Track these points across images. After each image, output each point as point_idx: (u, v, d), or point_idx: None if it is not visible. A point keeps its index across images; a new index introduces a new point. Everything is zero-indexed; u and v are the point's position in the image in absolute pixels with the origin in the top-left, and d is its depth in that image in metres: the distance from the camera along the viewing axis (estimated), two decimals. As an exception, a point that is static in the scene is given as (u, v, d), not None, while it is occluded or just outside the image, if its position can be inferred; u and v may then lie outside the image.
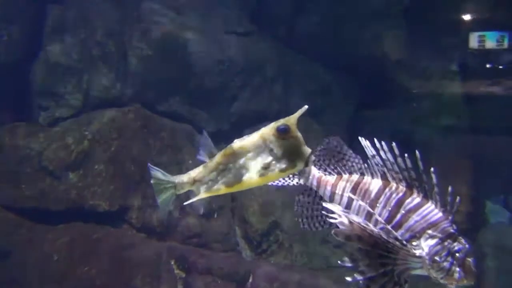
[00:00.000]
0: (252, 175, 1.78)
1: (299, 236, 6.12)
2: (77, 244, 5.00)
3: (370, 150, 2.22)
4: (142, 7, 6.21)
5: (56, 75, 5.82)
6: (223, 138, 6.36)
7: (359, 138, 2.25)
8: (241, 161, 1.80)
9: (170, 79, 6.24)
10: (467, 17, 6.44)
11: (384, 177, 2.21)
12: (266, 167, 1.77)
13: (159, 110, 6.25)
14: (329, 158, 2.42)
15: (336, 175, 2.39)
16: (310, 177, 2.42)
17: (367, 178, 2.27)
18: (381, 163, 2.20)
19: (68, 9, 5.86)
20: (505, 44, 5.98)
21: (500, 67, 6.29)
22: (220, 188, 1.83)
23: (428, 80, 7.18)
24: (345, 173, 2.36)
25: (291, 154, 1.77)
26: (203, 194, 1.86)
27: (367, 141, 2.23)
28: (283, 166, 1.76)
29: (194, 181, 1.88)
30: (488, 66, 6.31)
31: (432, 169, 2.08)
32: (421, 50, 6.80)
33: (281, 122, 1.77)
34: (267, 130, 1.79)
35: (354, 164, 2.35)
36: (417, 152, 2.10)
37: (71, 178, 5.41)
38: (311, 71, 7.14)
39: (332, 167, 2.41)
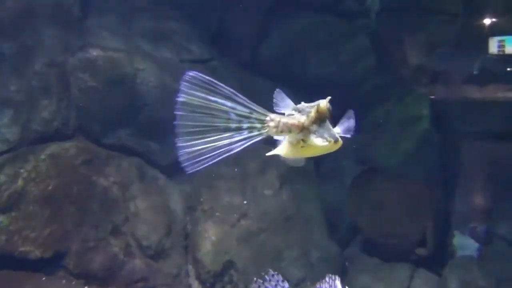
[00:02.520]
0: (340, 138, 1.70)
1: (255, 276, 5.81)
2: (1, 298, 4.58)
3: None
4: (87, 34, 5.85)
5: (-9, 107, 5.41)
6: (177, 171, 6.07)
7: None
8: (327, 120, 1.70)
9: (118, 110, 5.88)
10: (486, 21, 6.36)
11: None
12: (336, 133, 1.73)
13: (106, 143, 5.89)
14: None
15: None
16: None
17: None
18: None
19: (5, 38, 5.46)
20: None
21: None
22: (330, 141, 1.66)
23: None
24: None
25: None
26: (325, 141, 1.65)
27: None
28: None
29: (303, 128, 1.64)
30: (508, 70, 6.29)
31: None
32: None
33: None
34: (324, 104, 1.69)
35: None
36: None
37: (1, 221, 5.00)
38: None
39: None
